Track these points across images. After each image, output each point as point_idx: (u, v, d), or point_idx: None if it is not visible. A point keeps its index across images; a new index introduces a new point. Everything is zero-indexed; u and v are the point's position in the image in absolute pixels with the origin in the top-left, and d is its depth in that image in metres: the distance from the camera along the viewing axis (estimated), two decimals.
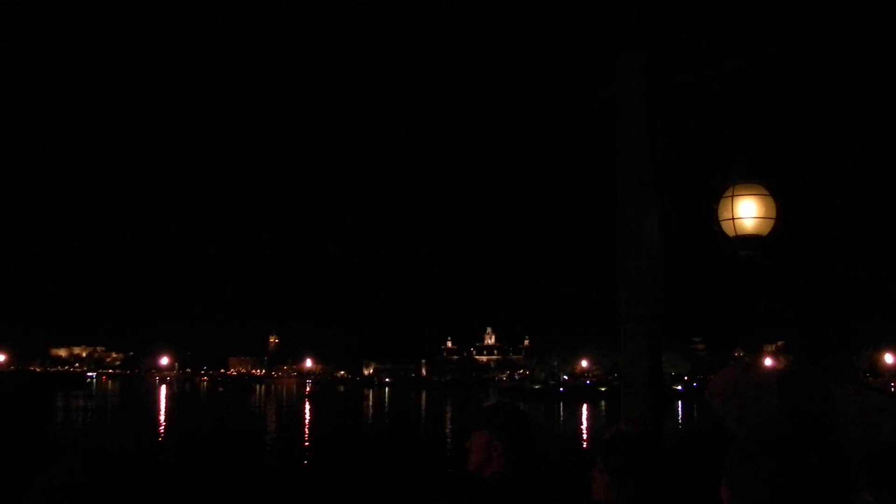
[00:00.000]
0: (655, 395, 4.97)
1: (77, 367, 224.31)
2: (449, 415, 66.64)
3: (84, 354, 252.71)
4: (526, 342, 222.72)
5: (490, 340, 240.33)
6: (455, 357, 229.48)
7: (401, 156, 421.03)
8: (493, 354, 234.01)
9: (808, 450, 2.09)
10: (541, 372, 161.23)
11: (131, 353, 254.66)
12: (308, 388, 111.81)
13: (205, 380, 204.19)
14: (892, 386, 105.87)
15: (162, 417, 57.82)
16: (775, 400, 5.98)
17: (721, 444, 3.21)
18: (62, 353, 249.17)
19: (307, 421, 56.26)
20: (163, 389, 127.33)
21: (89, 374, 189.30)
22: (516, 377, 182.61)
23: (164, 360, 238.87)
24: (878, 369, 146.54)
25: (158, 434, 42.36)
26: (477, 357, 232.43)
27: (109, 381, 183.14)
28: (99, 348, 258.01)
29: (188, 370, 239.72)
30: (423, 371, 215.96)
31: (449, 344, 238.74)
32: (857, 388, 6.57)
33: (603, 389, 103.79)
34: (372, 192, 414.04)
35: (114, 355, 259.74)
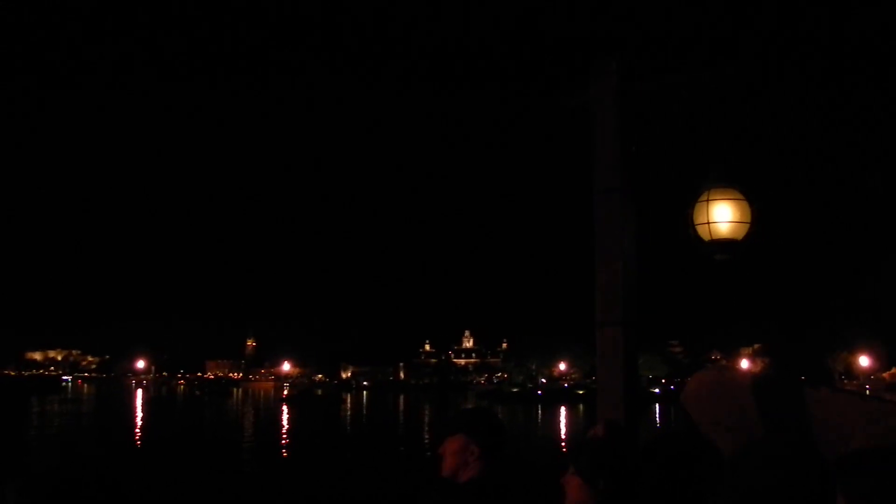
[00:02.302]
0: (630, 399, 5.00)
1: (52, 371, 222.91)
2: (427, 418, 66.57)
3: (59, 358, 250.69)
4: (504, 345, 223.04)
5: (468, 343, 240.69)
6: (433, 360, 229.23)
7: (379, 160, 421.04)
8: (471, 357, 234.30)
9: (790, 462, 2.10)
10: (519, 375, 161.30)
11: (107, 357, 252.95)
12: (285, 392, 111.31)
13: (182, 383, 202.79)
14: (867, 388, 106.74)
15: (138, 421, 57.46)
16: (750, 403, 6.02)
17: (697, 446, 3.24)
18: (37, 356, 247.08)
19: (285, 425, 56.03)
20: (139, 393, 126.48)
21: (65, 377, 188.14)
22: (494, 380, 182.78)
23: (141, 364, 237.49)
24: (853, 372, 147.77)
25: (135, 438, 42.12)
26: (455, 360, 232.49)
27: (85, 385, 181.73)
28: (74, 352, 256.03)
29: (165, 374, 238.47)
30: (402, 374, 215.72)
31: (427, 347, 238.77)
32: (831, 390, 6.62)
33: (581, 392, 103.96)
34: (350, 196, 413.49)
35: (90, 359, 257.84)
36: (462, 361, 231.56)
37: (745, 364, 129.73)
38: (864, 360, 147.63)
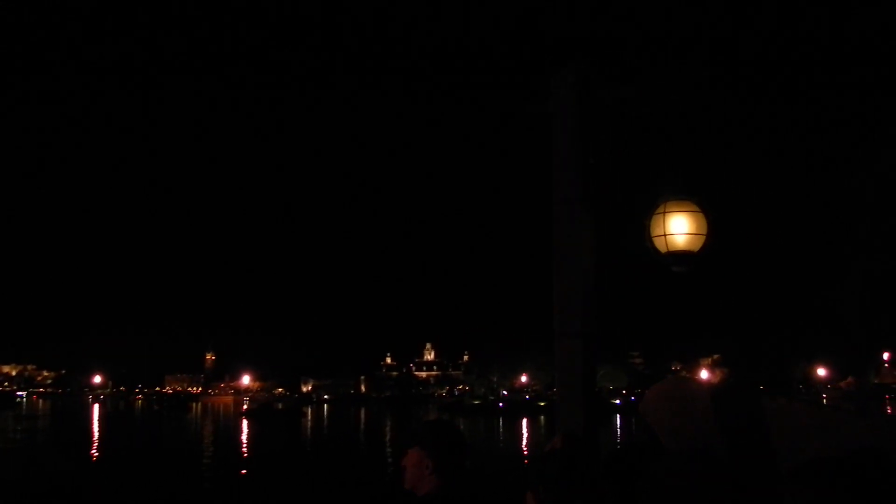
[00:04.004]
0: (590, 410, 5.02)
1: (6, 386, 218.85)
2: (388, 431, 66.34)
3: (13, 373, 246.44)
4: (465, 358, 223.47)
5: (429, 356, 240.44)
6: (394, 373, 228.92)
7: (340, 170, 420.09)
8: (432, 370, 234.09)
9: (722, 465, 2.11)
10: (480, 387, 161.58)
11: (63, 372, 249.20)
12: (245, 406, 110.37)
13: (139, 398, 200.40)
14: (824, 398, 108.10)
15: (95, 437, 56.66)
16: (708, 413, 6.09)
17: (657, 457, 3.26)
18: None
19: (244, 439, 55.55)
20: (96, 408, 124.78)
21: (19, 393, 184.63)
22: (456, 393, 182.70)
23: (98, 379, 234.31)
24: (810, 381, 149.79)
25: (91, 454, 41.52)
26: (416, 373, 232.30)
27: (40, 401, 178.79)
28: (29, 367, 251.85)
29: (122, 388, 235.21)
30: (363, 387, 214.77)
31: (388, 360, 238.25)
32: (788, 400, 6.71)
33: (542, 404, 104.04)
34: (309, 209, 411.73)
35: (45, 374, 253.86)
36: (423, 374, 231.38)
37: (704, 374, 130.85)
38: (821, 371, 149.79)
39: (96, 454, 41.91)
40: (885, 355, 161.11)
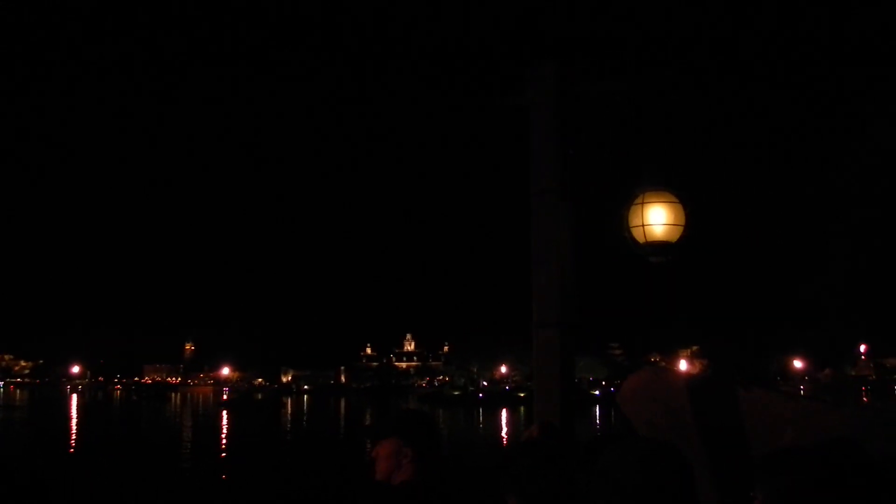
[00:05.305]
0: (567, 400, 5.03)
1: None
2: (368, 422, 66.37)
3: None
4: (445, 348, 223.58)
5: (409, 347, 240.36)
6: (374, 364, 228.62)
7: (318, 160, 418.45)
8: (412, 361, 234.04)
9: (669, 457, 2.10)
10: (460, 378, 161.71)
11: (41, 362, 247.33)
12: (225, 396, 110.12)
13: (118, 388, 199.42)
14: (802, 389, 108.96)
15: (73, 427, 56.38)
16: (683, 403, 6.10)
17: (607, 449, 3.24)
18: None
19: (224, 429, 55.44)
20: (74, 399, 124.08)
21: None
22: (436, 383, 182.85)
23: (76, 369, 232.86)
24: (788, 373, 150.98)
25: (69, 444, 41.32)
26: (396, 363, 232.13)
27: (18, 391, 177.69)
28: (7, 356, 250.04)
29: (101, 378, 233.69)
30: (343, 378, 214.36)
31: (368, 350, 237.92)
32: (763, 391, 6.74)
33: (522, 395, 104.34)
34: (290, 197, 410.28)
35: (22, 364, 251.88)
36: (403, 364, 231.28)
37: (683, 365, 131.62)
38: (798, 362, 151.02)
39: (74, 445, 41.71)
40: (862, 347, 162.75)
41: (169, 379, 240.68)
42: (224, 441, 46.18)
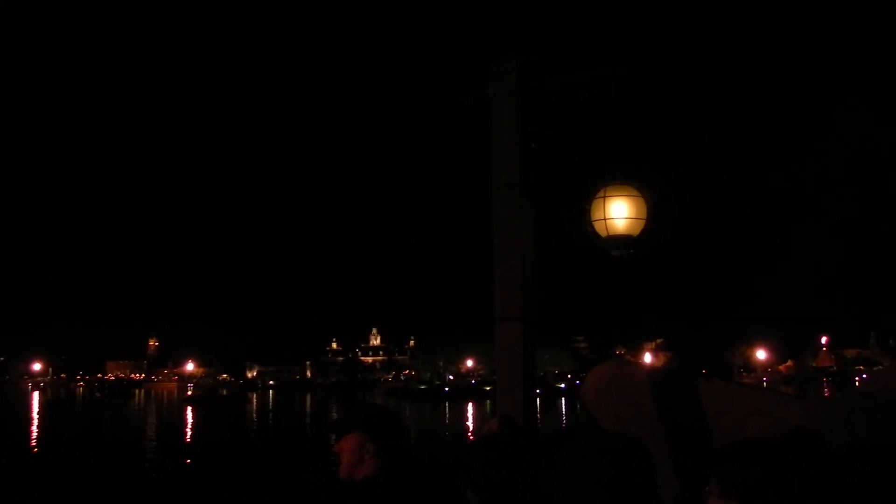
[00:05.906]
0: (529, 393, 5.04)
1: None
2: (334, 417, 66.22)
3: None
4: (411, 343, 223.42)
5: (375, 341, 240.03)
6: (340, 358, 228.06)
7: (283, 154, 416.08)
8: (378, 355, 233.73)
9: (632, 449, 2.11)
10: (426, 372, 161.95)
11: (2, 359, 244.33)
12: (189, 392, 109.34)
13: (81, 385, 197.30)
14: (765, 381, 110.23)
15: (34, 425, 55.72)
16: (646, 396, 6.12)
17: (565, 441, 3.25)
18: None
19: (188, 426, 55.08)
20: (36, 396, 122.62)
21: None
22: (402, 378, 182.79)
23: (38, 366, 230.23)
24: (751, 365, 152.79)
25: (30, 442, 40.85)
26: (362, 358, 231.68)
27: None
28: None
29: (63, 375, 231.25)
30: (308, 373, 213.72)
31: (334, 345, 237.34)
32: (725, 383, 6.79)
33: (488, 389, 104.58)
34: (252, 191, 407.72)
35: None
36: (369, 359, 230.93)
37: (647, 358, 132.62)
38: (761, 354, 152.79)
39: (35, 442, 41.26)
40: (824, 339, 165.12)
41: (133, 375, 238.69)
42: (189, 438, 45.88)
